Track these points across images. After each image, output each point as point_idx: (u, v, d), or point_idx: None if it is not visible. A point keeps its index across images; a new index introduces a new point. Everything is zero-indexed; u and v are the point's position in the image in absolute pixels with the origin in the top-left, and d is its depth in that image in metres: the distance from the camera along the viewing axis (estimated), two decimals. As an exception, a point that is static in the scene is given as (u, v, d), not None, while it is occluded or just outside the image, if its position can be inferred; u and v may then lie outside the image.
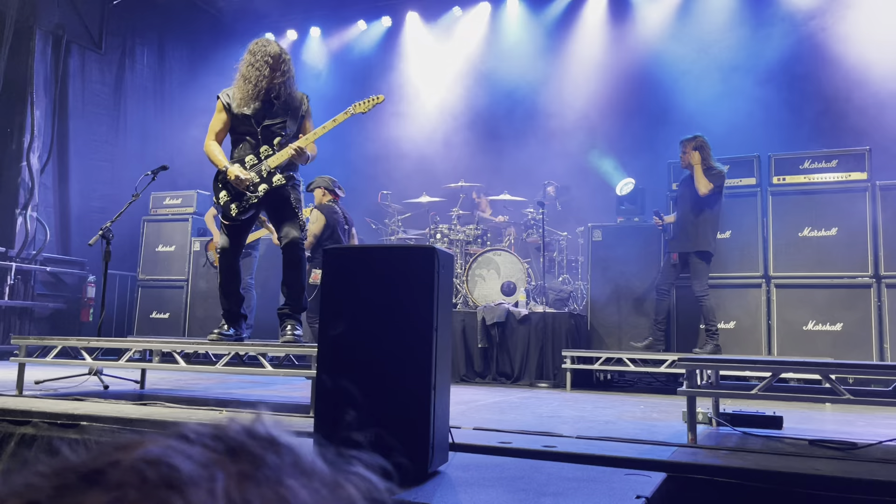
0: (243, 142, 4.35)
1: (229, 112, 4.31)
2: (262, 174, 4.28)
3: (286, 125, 4.35)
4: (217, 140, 4.34)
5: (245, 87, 4.25)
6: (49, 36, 9.23)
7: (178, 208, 8.69)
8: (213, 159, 4.32)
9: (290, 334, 4.27)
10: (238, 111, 4.28)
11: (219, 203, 4.36)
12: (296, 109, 4.40)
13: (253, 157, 4.30)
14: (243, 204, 4.29)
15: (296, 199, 4.42)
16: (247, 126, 4.30)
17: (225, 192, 4.32)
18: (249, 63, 4.26)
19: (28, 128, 8.80)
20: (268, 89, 4.27)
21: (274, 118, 4.32)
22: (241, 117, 4.29)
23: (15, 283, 8.52)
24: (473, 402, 4.73)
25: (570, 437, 3.03)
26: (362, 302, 2.20)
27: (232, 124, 4.34)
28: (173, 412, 3.64)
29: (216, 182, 4.37)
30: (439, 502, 1.81)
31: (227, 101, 4.32)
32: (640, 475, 2.17)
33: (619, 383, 7.01)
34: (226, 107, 4.31)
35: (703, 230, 6.05)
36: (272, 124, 4.32)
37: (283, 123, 4.34)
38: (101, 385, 4.77)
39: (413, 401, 2.08)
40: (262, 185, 4.28)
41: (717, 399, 3.62)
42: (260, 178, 4.28)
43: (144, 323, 8.58)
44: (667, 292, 6.31)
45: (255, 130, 4.30)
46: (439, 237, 7.86)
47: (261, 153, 4.30)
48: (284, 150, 4.27)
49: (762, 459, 2.54)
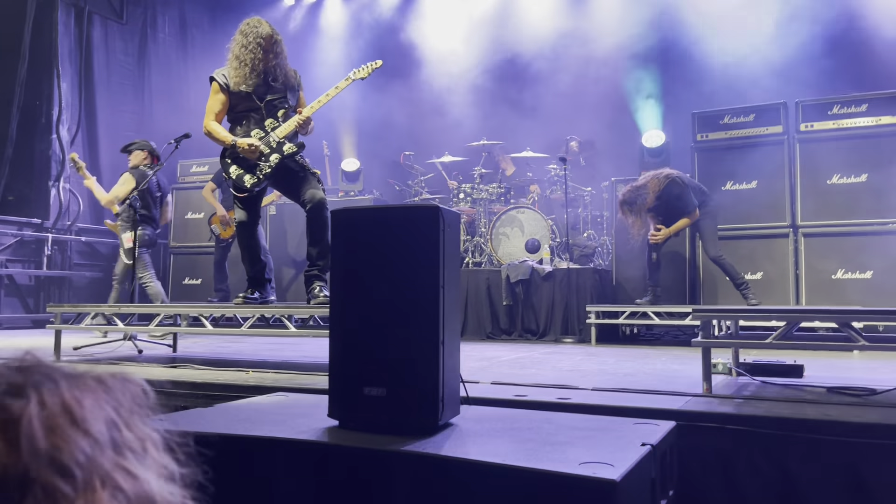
0: (246, 118, 4.39)
1: (227, 91, 4.35)
2: (271, 145, 4.32)
3: (287, 98, 4.42)
4: (216, 120, 4.39)
5: (241, 68, 4.29)
6: (71, 8, 9.31)
7: (206, 175, 8.79)
8: (218, 137, 4.37)
9: (321, 295, 4.33)
10: (237, 89, 4.32)
11: (230, 178, 4.40)
12: (292, 85, 4.48)
13: (259, 130, 4.35)
14: (257, 174, 4.34)
15: (308, 164, 4.46)
16: (248, 103, 4.35)
17: (235, 167, 4.37)
18: (242, 45, 4.30)
19: (56, 100, 8.95)
20: (264, 70, 4.31)
21: (275, 94, 4.38)
22: (241, 95, 4.33)
23: (52, 254, 8.77)
24: (496, 358, 4.79)
25: (586, 389, 3.07)
26: (371, 262, 2.25)
27: (231, 103, 4.37)
28: (202, 374, 3.77)
29: (223, 159, 4.43)
30: (446, 452, 1.86)
31: (224, 80, 4.35)
32: (648, 424, 2.20)
33: (646, 337, 7.02)
34: (223, 87, 4.35)
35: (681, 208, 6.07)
36: (273, 99, 4.38)
37: (283, 97, 4.42)
38: (135, 350, 4.94)
39: (422, 356, 2.13)
40: (274, 154, 4.32)
41: (737, 349, 3.63)
42: (270, 149, 4.32)
43: (178, 289, 8.78)
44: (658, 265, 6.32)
45: (259, 106, 4.35)
46: (462, 196, 7.87)
47: (266, 126, 4.35)
48: (291, 121, 4.34)
49: (775, 407, 2.56)
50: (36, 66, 8.86)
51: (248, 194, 4.41)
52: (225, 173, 4.45)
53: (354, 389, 2.20)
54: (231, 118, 4.44)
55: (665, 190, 6.02)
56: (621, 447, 1.90)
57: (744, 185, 6.52)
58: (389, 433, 2.06)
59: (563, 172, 7.34)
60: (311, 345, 5.59)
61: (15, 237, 8.45)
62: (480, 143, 8.23)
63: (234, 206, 4.55)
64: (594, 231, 7.82)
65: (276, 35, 4.37)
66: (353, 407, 2.21)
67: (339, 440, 2.06)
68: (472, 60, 9.69)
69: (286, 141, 4.34)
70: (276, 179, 4.47)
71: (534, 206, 7.46)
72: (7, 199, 8.90)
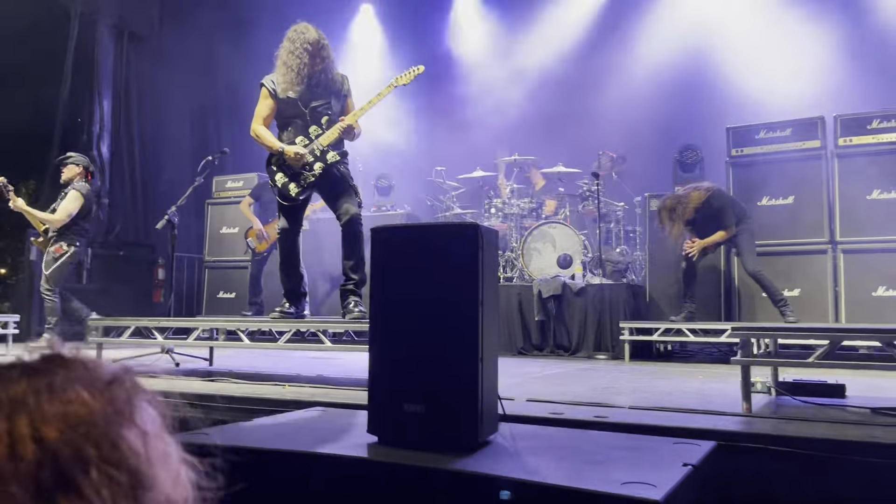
0: (291, 125, 4.46)
1: (275, 97, 4.43)
2: (315, 153, 4.38)
3: (331, 105, 4.45)
4: (264, 125, 4.47)
5: (287, 73, 4.35)
6: (112, 29, 9.56)
7: (240, 190, 8.91)
8: (266, 142, 4.44)
9: (356, 311, 4.36)
10: (283, 95, 4.40)
11: (276, 186, 4.48)
12: (338, 90, 4.50)
13: (303, 138, 4.41)
14: (301, 183, 4.40)
15: (349, 175, 4.53)
16: (294, 109, 4.42)
17: (281, 174, 4.44)
18: (289, 51, 4.36)
19: (96, 118, 9.18)
20: (309, 75, 4.36)
21: (319, 99, 4.42)
22: (287, 101, 4.41)
23: (91, 268, 8.95)
24: (529, 374, 4.78)
25: (623, 407, 3.04)
26: (410, 279, 2.27)
27: (278, 108, 4.45)
28: (239, 387, 3.81)
29: (269, 166, 4.50)
30: (487, 470, 1.86)
31: (272, 86, 4.43)
32: (688, 444, 2.18)
33: (680, 354, 6.93)
34: (271, 92, 4.43)
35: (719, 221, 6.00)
36: (318, 105, 4.42)
37: (328, 104, 4.44)
38: (172, 363, 5.01)
39: (461, 373, 2.14)
40: (318, 163, 4.38)
41: (777, 368, 3.58)
42: (314, 157, 4.38)
43: (212, 303, 8.90)
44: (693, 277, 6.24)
45: (303, 112, 4.41)
46: (493, 211, 7.87)
47: (310, 133, 4.40)
48: (334, 128, 4.37)
49: (817, 428, 2.52)
50: (77, 86, 9.10)
51: (293, 203, 4.47)
52: (271, 181, 4.52)
53: (394, 406, 2.21)
54: (278, 124, 4.53)
55: (707, 202, 5.97)
56: (662, 467, 1.88)
57: (780, 201, 6.43)
58: (428, 450, 2.07)
59: (595, 187, 7.32)
60: (345, 359, 5.62)
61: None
62: (512, 159, 8.24)
63: (278, 214, 4.63)
64: (627, 246, 7.76)
65: (322, 40, 4.43)
66: (392, 423, 2.22)
67: (379, 456, 2.07)
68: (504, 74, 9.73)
69: (329, 149, 4.41)
70: (321, 186, 4.54)
71: (566, 221, 7.44)
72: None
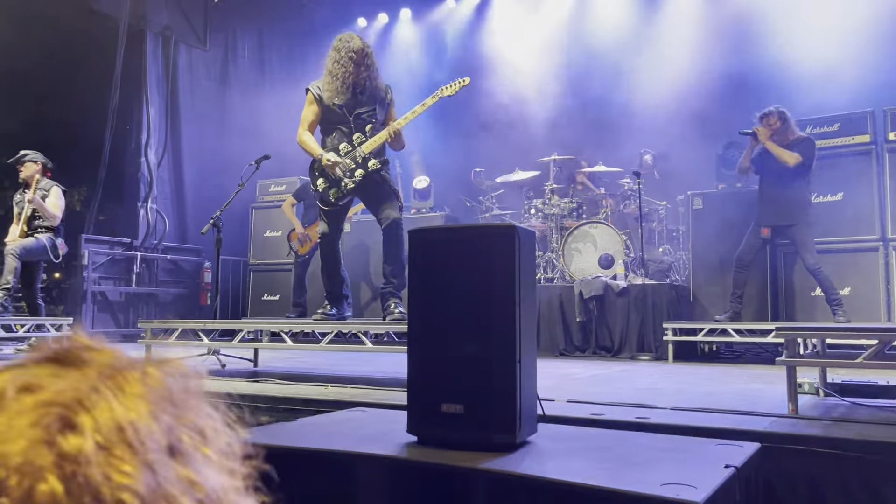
0: (335, 131, 4.53)
1: (320, 103, 4.50)
2: (357, 160, 4.44)
3: (375, 113, 4.51)
4: (309, 130, 4.55)
5: (333, 82, 4.43)
6: (159, 37, 9.82)
7: (283, 194, 9.05)
8: (308, 149, 4.52)
9: (397, 312, 4.42)
10: (329, 102, 4.47)
11: (317, 190, 4.56)
12: (382, 99, 4.56)
13: (346, 144, 4.47)
14: (342, 189, 4.47)
15: (391, 180, 4.59)
16: (338, 116, 4.49)
17: (322, 180, 4.51)
18: (335, 60, 4.45)
19: (145, 125, 9.44)
20: (354, 83, 4.43)
21: (363, 107, 4.48)
22: (332, 108, 4.48)
23: (140, 271, 9.20)
24: (570, 375, 4.75)
25: (665, 408, 3.01)
26: (448, 280, 2.28)
27: (323, 115, 4.53)
28: (283, 388, 3.88)
29: (312, 171, 4.58)
30: (525, 470, 1.87)
31: (318, 93, 4.51)
32: (731, 445, 2.15)
33: (726, 355, 6.81)
34: (317, 98, 4.51)
35: (799, 200, 5.77)
36: (362, 112, 4.48)
37: (372, 111, 4.50)
38: (218, 364, 5.12)
39: (499, 373, 2.15)
40: (359, 170, 4.44)
41: (825, 369, 3.50)
42: (356, 164, 4.44)
43: (257, 305, 9.06)
44: (748, 266, 6.03)
45: (347, 119, 4.48)
46: (533, 212, 7.85)
47: (354, 140, 4.47)
48: (379, 135, 4.43)
49: (866, 429, 2.45)
50: (126, 94, 9.37)
51: (333, 207, 4.54)
52: (313, 185, 4.60)
53: (433, 406, 2.23)
54: (322, 129, 4.62)
55: (808, 143, 5.81)
56: (704, 469, 1.86)
57: (829, 198, 6.28)
58: (468, 450, 2.08)
59: (636, 186, 7.24)
60: (385, 360, 5.66)
61: (107, 256, 8.91)
62: (552, 158, 8.20)
63: (319, 218, 4.71)
64: (670, 246, 7.66)
65: (367, 48, 4.51)
66: (431, 423, 2.24)
67: (419, 456, 2.10)
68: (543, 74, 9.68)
69: (371, 157, 4.47)
70: (362, 192, 4.61)
71: (607, 220, 7.37)
72: (99, 219, 9.42)
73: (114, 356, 0.51)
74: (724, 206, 6.71)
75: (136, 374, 0.50)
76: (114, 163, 9.33)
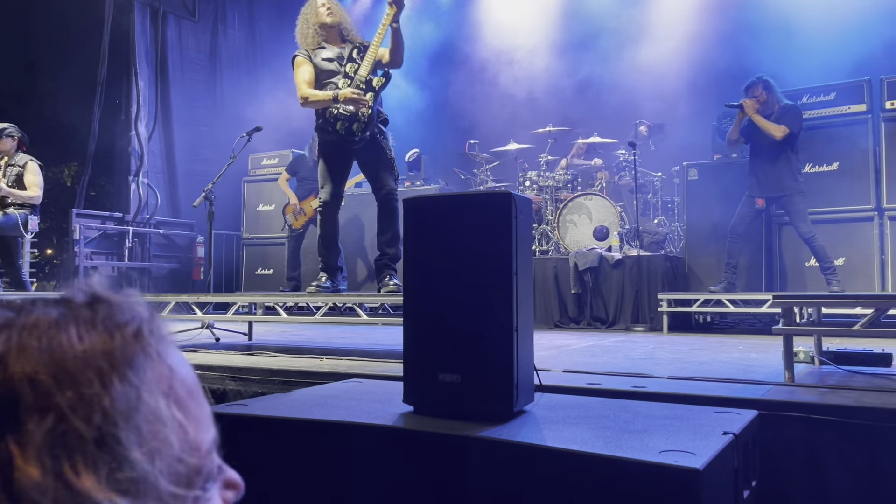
0: (329, 86, 4.59)
1: (311, 60, 4.61)
2: (361, 87, 4.46)
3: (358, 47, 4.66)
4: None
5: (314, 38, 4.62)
6: (147, 8, 9.64)
7: (276, 168, 8.98)
8: (318, 99, 4.51)
9: (392, 284, 4.40)
10: (317, 59, 4.61)
11: (338, 132, 4.47)
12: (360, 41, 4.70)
13: (345, 80, 4.48)
14: (362, 120, 4.41)
15: (389, 149, 4.58)
16: (329, 65, 4.60)
17: (340, 122, 4.46)
18: (304, 20, 4.67)
19: (134, 98, 9.30)
20: (328, 32, 4.63)
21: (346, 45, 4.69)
22: (321, 63, 4.60)
23: (133, 246, 9.14)
24: (566, 346, 4.75)
25: (661, 377, 3.01)
26: (444, 249, 2.25)
27: (316, 76, 4.60)
28: (278, 360, 3.86)
29: (323, 126, 4.51)
30: (522, 438, 1.86)
31: (305, 53, 4.64)
32: (729, 412, 2.14)
33: (720, 325, 6.84)
34: (307, 57, 4.62)
35: (788, 170, 5.77)
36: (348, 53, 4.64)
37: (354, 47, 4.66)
38: (213, 338, 5.10)
39: (496, 342, 2.13)
40: (368, 93, 4.47)
41: (820, 337, 3.50)
42: (363, 90, 4.48)
43: (251, 279, 9.03)
44: (741, 236, 6.04)
45: (339, 71, 4.59)
46: (528, 184, 7.81)
47: (348, 71, 4.48)
48: (367, 55, 4.52)
49: (863, 396, 2.46)
50: (115, 66, 9.22)
51: (357, 145, 4.52)
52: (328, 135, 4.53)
53: (429, 376, 2.21)
54: (317, 87, 4.62)
55: (794, 113, 5.80)
56: (702, 436, 1.86)
57: (824, 168, 6.26)
58: (465, 419, 2.07)
59: (631, 158, 7.20)
60: (381, 332, 5.66)
61: (99, 230, 8.84)
62: (546, 130, 8.13)
63: (320, 187, 4.66)
64: (665, 217, 7.64)
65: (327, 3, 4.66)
66: (427, 393, 2.22)
67: (415, 425, 2.08)
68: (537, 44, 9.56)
69: (372, 77, 4.52)
70: (362, 157, 4.64)
71: (602, 192, 7.34)
72: (90, 194, 9.33)
73: None
74: (719, 177, 6.68)
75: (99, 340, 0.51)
76: (103, 137, 9.22)
